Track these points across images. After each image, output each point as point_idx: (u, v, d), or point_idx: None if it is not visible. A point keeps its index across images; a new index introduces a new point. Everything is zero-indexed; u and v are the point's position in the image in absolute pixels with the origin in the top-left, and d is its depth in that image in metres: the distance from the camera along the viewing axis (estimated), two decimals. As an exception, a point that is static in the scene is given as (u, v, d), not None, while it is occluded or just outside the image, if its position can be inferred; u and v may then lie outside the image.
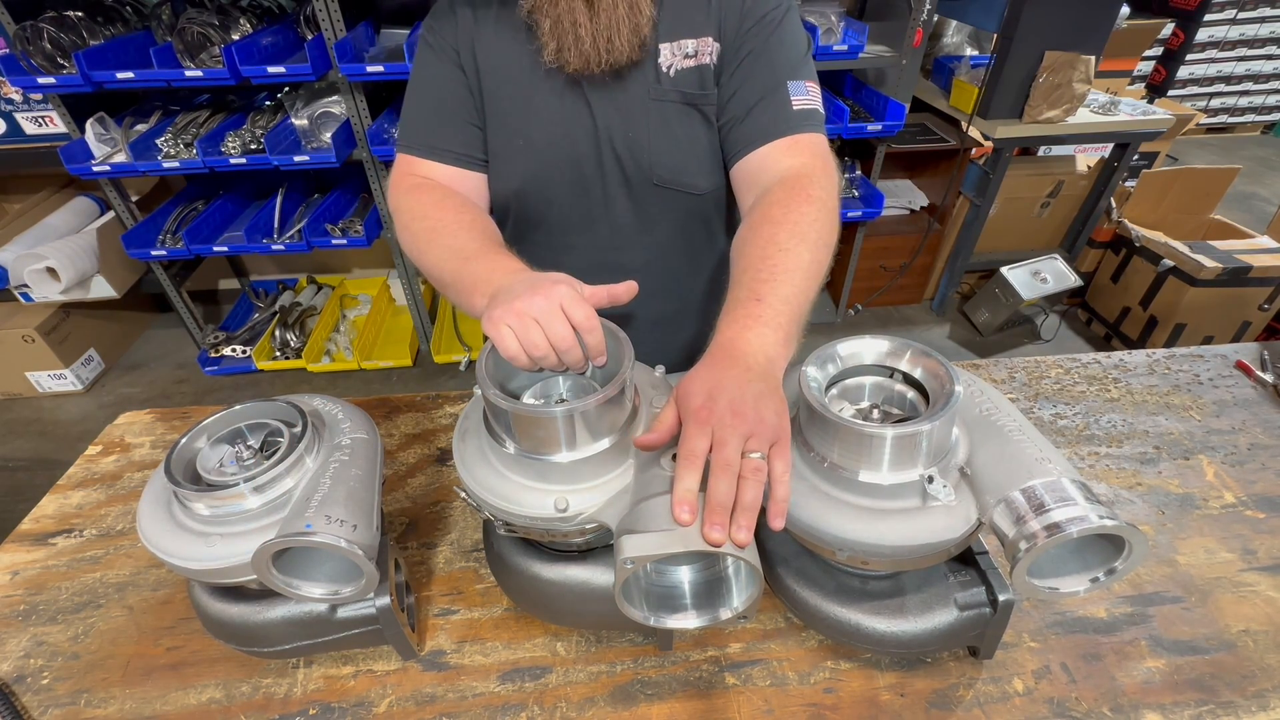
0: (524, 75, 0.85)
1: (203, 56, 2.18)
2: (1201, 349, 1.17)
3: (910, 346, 0.64)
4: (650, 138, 0.86)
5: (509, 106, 0.87)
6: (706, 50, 0.84)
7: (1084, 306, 3.12)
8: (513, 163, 0.89)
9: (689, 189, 0.90)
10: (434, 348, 2.85)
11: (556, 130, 0.87)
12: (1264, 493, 0.91)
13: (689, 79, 0.85)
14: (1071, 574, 0.58)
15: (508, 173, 0.90)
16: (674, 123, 0.86)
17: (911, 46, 2.36)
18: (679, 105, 0.86)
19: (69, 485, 0.98)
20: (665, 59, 0.84)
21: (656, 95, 0.85)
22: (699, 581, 0.61)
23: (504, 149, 0.89)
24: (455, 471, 0.67)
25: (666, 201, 0.92)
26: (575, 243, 0.95)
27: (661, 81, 0.85)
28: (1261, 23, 4.28)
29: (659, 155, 0.87)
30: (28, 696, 0.72)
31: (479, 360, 0.63)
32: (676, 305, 1.03)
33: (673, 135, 0.87)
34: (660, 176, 0.89)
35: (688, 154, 0.88)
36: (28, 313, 2.66)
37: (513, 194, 0.92)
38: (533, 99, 0.86)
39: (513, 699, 0.70)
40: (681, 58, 0.84)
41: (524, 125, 0.87)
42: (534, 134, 0.87)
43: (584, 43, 0.78)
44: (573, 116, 0.86)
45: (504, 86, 0.86)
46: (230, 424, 0.68)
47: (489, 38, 0.86)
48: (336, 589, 0.63)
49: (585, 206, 0.92)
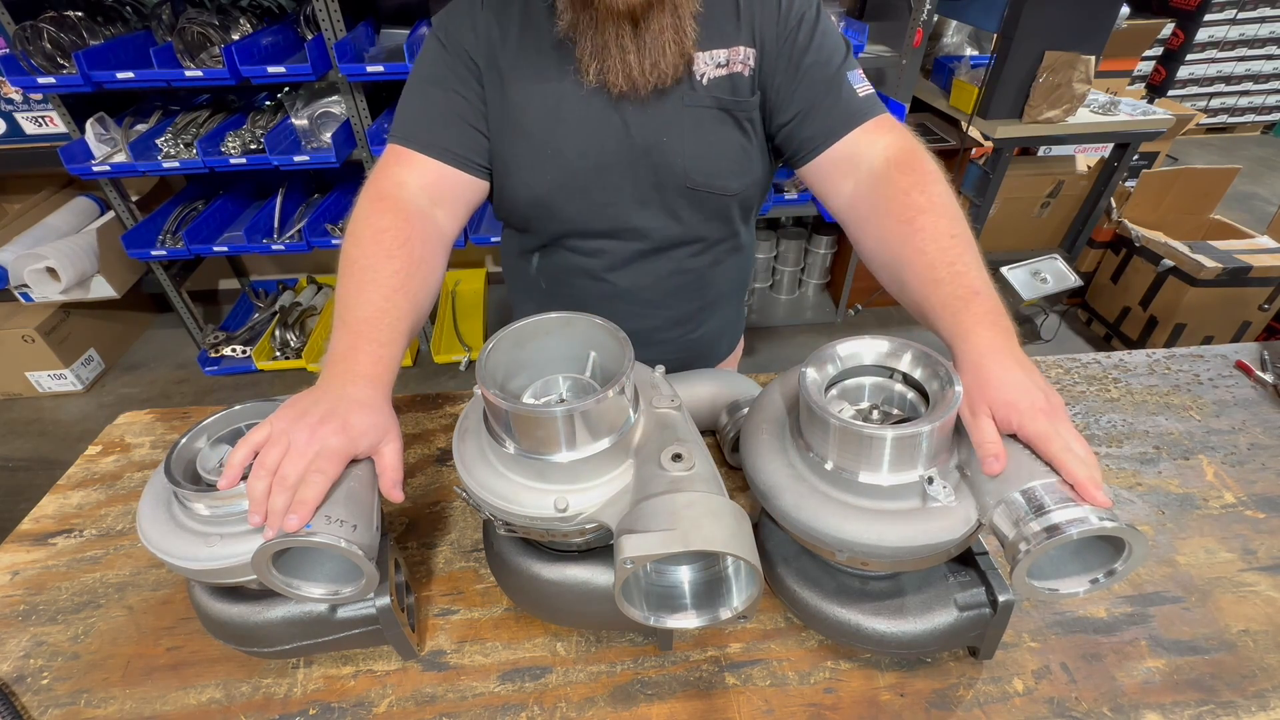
0: (552, 85, 0.83)
1: (203, 56, 2.18)
2: (1201, 349, 1.17)
3: (910, 347, 0.64)
4: (685, 144, 0.86)
5: (535, 116, 0.85)
6: (739, 59, 0.84)
7: (1084, 306, 3.12)
8: (539, 171, 0.87)
9: (721, 191, 0.90)
10: (434, 348, 2.85)
11: (588, 141, 0.85)
12: (1264, 493, 0.91)
13: (722, 86, 0.85)
14: (1071, 575, 0.58)
15: (534, 181, 0.88)
16: (708, 128, 0.86)
17: (911, 46, 2.36)
18: (713, 110, 0.85)
19: (69, 485, 0.98)
20: (700, 68, 0.83)
21: (692, 101, 0.84)
22: (699, 581, 0.61)
23: (530, 158, 0.87)
24: (455, 471, 0.67)
25: (696, 204, 0.91)
26: (604, 246, 0.94)
27: (696, 89, 0.84)
28: (1261, 23, 4.28)
29: (693, 160, 0.87)
30: (28, 696, 0.72)
31: (479, 360, 0.63)
32: (698, 304, 1.03)
33: (707, 140, 0.86)
34: (694, 180, 0.88)
35: (721, 157, 0.88)
36: (28, 313, 2.66)
37: (537, 201, 0.90)
38: (560, 108, 0.84)
39: (513, 699, 0.70)
40: (714, 67, 0.84)
41: (552, 136, 0.85)
42: (563, 144, 0.85)
43: (631, 68, 0.77)
44: (605, 127, 0.84)
45: (532, 98, 0.84)
46: (230, 424, 0.68)
47: (514, 47, 0.84)
48: (336, 589, 0.63)
49: (614, 212, 0.90)
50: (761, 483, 0.64)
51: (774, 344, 3.05)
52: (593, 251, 0.95)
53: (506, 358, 0.65)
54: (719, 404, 0.95)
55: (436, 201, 0.84)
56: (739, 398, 0.94)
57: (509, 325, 0.66)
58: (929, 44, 2.85)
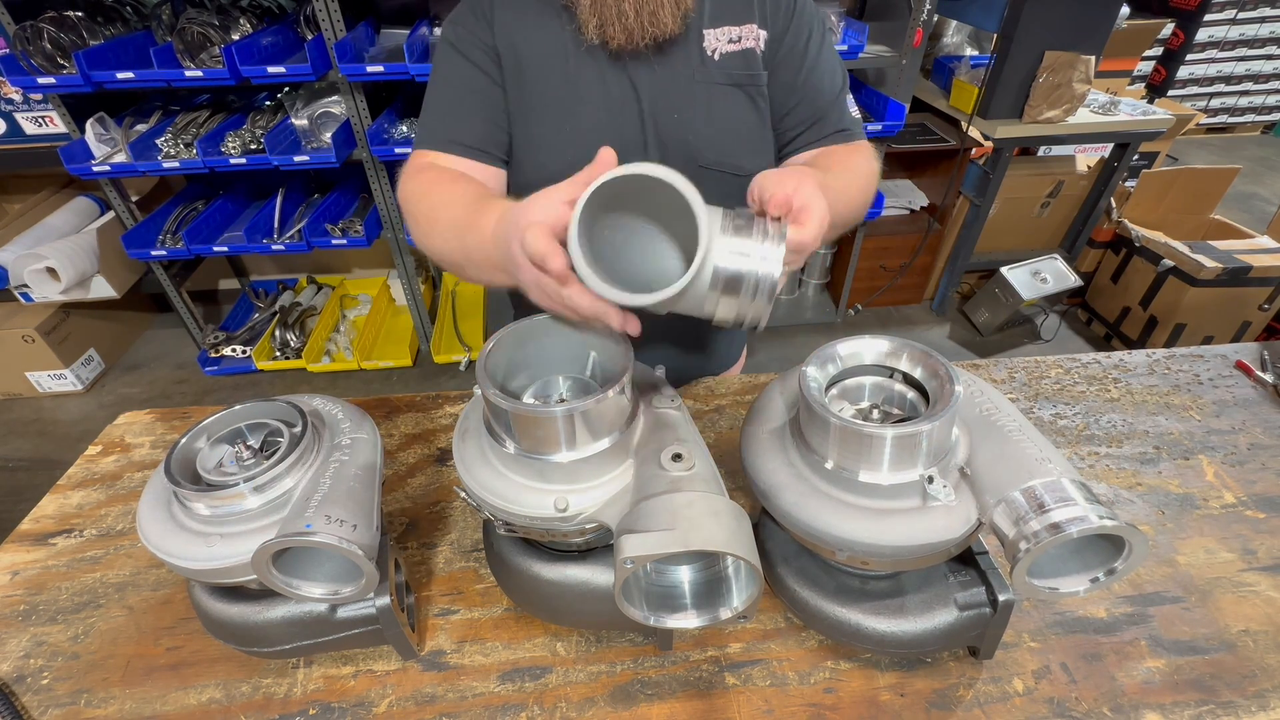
0: (567, 62, 0.85)
1: (203, 56, 2.18)
2: (1201, 349, 1.17)
3: (910, 346, 0.64)
4: (696, 120, 0.87)
5: (554, 94, 0.86)
6: (751, 36, 0.86)
7: (1084, 306, 3.12)
8: (555, 150, 0.88)
9: (735, 170, 0.91)
10: (434, 348, 2.85)
11: (602, 116, 0.86)
12: (1264, 493, 0.91)
13: (735, 61, 0.86)
14: (1071, 574, 0.58)
15: (549, 160, 0.89)
16: (720, 105, 0.87)
17: (911, 46, 2.36)
18: (725, 87, 0.87)
19: (69, 485, 0.98)
20: (710, 43, 0.85)
21: (703, 77, 0.86)
22: (699, 581, 0.61)
23: (547, 137, 0.88)
24: (455, 471, 0.67)
25: (710, 184, 0.90)
26: None
27: (706, 64, 0.86)
28: (1261, 23, 4.28)
29: (706, 137, 0.88)
30: (28, 696, 0.72)
31: (479, 360, 0.63)
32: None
33: (719, 117, 0.88)
34: (707, 159, 0.89)
35: (735, 136, 0.89)
36: (28, 313, 2.66)
37: (551, 182, 0.91)
38: (578, 84, 0.86)
39: (513, 699, 0.70)
40: (726, 42, 0.86)
41: (569, 112, 0.87)
42: (579, 120, 0.87)
43: (627, 16, 0.79)
44: (618, 100, 0.86)
45: (549, 75, 0.86)
46: (230, 424, 0.68)
47: (528, 29, 0.86)
48: (336, 589, 0.63)
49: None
50: (761, 482, 0.64)
51: (774, 344, 3.05)
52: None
53: (506, 358, 0.65)
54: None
55: None
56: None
57: (509, 325, 0.66)
58: (929, 44, 2.85)
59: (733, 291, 0.56)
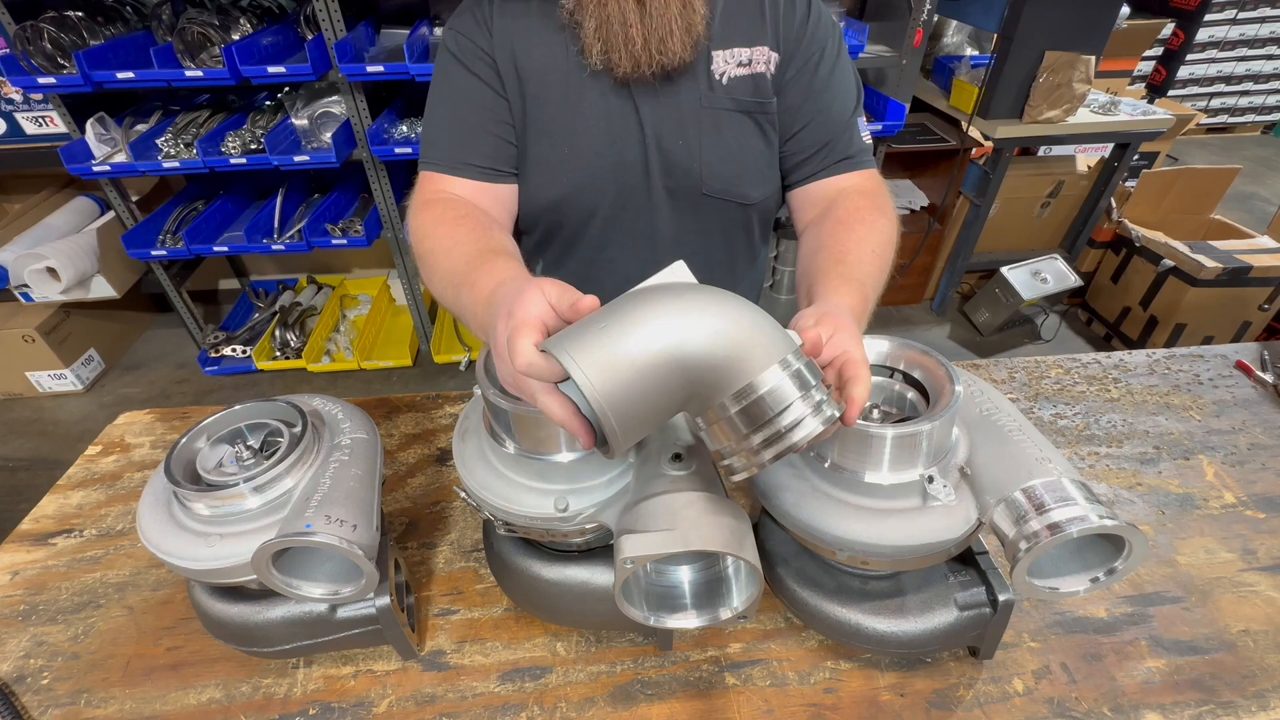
0: (569, 81, 0.82)
1: (203, 56, 2.18)
2: (1201, 349, 1.17)
3: (910, 346, 0.64)
4: (702, 146, 0.84)
5: (554, 114, 0.83)
6: (762, 59, 0.82)
7: (1084, 306, 3.12)
8: (555, 172, 0.85)
9: (739, 199, 0.88)
10: (434, 348, 2.85)
11: (603, 138, 0.83)
12: (1264, 493, 0.91)
13: (743, 87, 0.82)
14: (1071, 574, 0.58)
15: (549, 183, 0.86)
16: (727, 131, 0.84)
17: (911, 46, 2.36)
18: (732, 113, 0.83)
19: (69, 485, 0.98)
20: (719, 66, 0.81)
21: (709, 103, 0.82)
22: (699, 581, 0.61)
23: (547, 158, 0.85)
24: (455, 471, 0.67)
25: (713, 212, 0.89)
26: (614, 256, 0.92)
27: (714, 89, 0.82)
28: (1261, 23, 4.28)
29: (710, 165, 0.85)
30: (28, 696, 0.72)
31: (479, 360, 0.63)
32: None
33: (726, 144, 0.84)
34: (711, 186, 0.86)
35: (740, 163, 0.86)
36: (28, 313, 2.66)
37: (551, 205, 0.88)
38: (579, 106, 0.82)
39: (513, 699, 0.70)
40: (735, 65, 0.82)
41: (569, 133, 0.83)
42: (580, 142, 0.83)
43: (634, 44, 0.74)
44: (620, 124, 0.83)
45: (549, 93, 0.82)
46: (230, 424, 0.68)
47: (530, 44, 0.82)
48: (336, 589, 0.63)
49: (627, 219, 0.88)
50: (761, 482, 0.64)
51: (774, 344, 3.05)
52: (602, 262, 0.93)
53: (506, 358, 0.65)
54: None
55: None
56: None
57: (509, 325, 0.65)
58: (929, 44, 2.85)
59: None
